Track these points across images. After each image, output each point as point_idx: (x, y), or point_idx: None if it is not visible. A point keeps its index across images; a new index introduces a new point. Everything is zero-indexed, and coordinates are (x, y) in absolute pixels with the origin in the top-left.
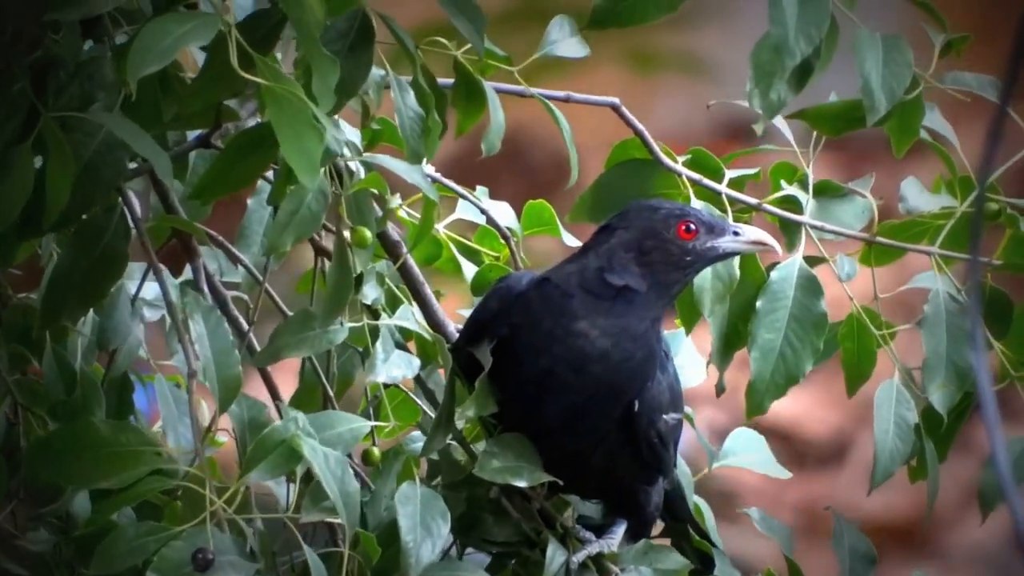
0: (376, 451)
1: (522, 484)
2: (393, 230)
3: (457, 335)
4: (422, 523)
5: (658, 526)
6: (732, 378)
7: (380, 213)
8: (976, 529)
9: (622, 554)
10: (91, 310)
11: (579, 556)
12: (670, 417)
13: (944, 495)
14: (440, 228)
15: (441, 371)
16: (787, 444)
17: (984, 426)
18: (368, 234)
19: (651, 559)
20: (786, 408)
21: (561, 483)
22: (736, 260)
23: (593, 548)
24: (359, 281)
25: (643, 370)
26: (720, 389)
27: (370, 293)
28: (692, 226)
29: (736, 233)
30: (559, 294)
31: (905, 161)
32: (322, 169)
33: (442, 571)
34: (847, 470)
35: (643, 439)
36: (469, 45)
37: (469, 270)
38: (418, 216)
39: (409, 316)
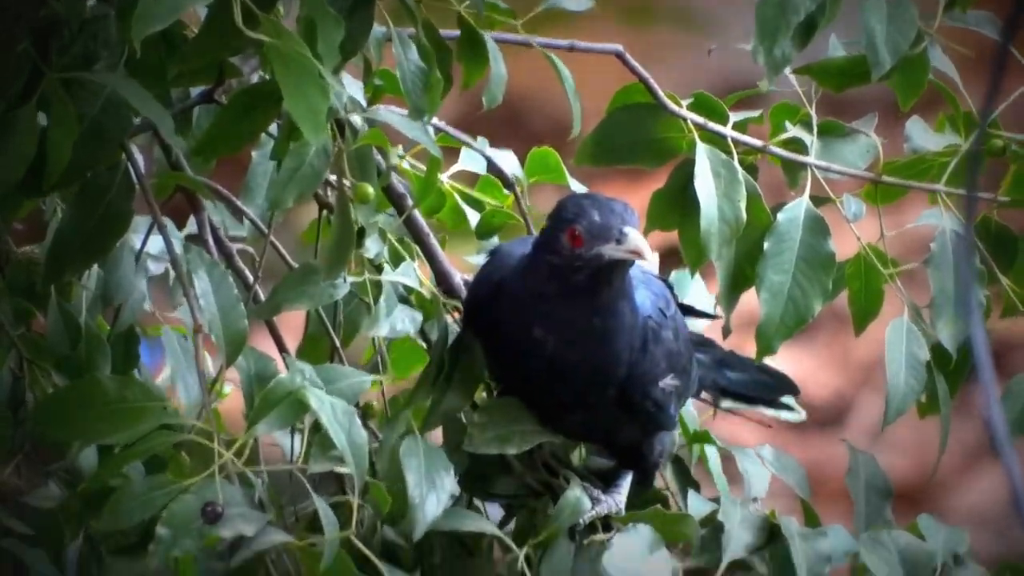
0: (376, 404)
1: (513, 451)
2: (398, 182)
3: (463, 286)
4: (427, 477)
5: None
6: (736, 331)
7: (384, 167)
8: (976, 491)
9: (629, 514)
10: (96, 264)
11: (586, 516)
12: (667, 384)
13: (945, 458)
14: (443, 179)
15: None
16: None
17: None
18: (370, 190)
19: (658, 523)
20: (786, 370)
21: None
22: (742, 202)
23: (602, 509)
24: (361, 235)
25: (610, 359)
26: (726, 331)
27: (372, 247)
28: (578, 233)
29: (619, 241)
30: (517, 299)
31: (905, 118)
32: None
33: (447, 520)
34: (848, 431)
35: (639, 410)
36: None
37: (474, 219)
38: (421, 167)
39: (411, 272)
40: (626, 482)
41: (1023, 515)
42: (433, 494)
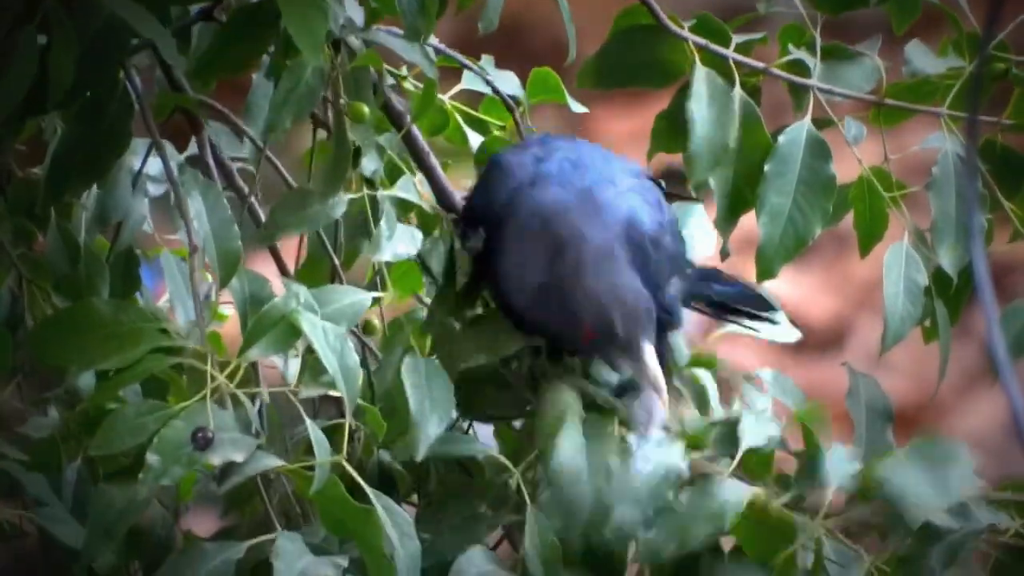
0: (376, 322)
1: (494, 356)
2: (398, 102)
3: (463, 205)
4: (429, 396)
5: None
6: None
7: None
8: (975, 414)
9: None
10: (96, 185)
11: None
12: (673, 288)
13: (944, 381)
14: (445, 99)
15: None
16: None
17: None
18: (364, 109)
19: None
20: (785, 293)
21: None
22: (734, 127)
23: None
24: (357, 155)
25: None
26: (724, 254)
27: (369, 166)
28: (594, 333)
29: (634, 359)
30: (516, 257)
31: (905, 43)
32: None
33: (444, 445)
34: (847, 354)
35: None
36: None
37: (476, 140)
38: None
39: (410, 187)
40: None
41: (1023, 438)
42: (435, 413)
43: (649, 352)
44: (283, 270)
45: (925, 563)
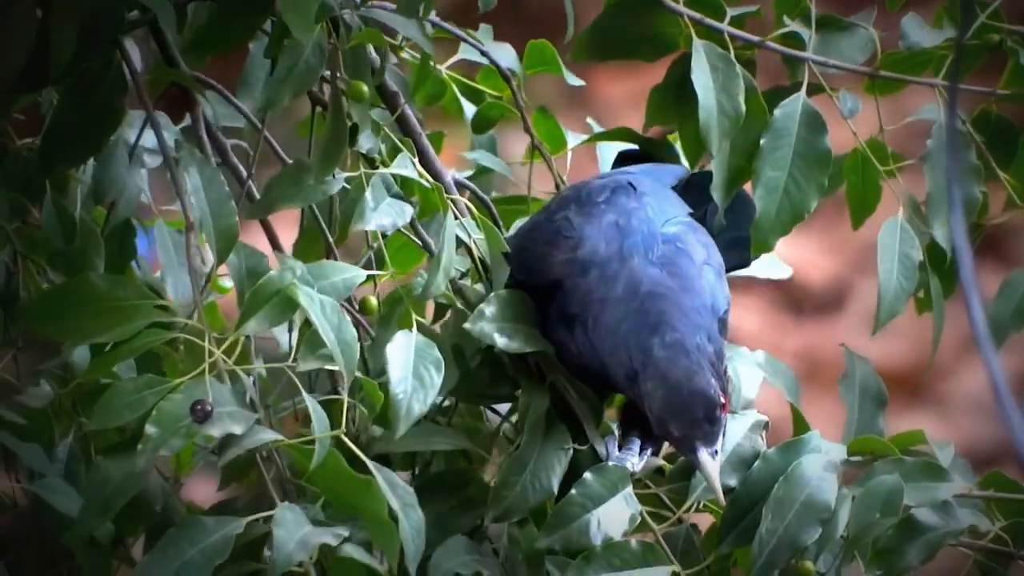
0: (373, 300)
1: (503, 344)
2: (391, 80)
3: (453, 183)
4: (414, 373)
5: None
6: None
7: (379, 65)
8: (975, 377)
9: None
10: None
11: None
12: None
13: (943, 343)
14: (443, 69)
15: None
16: (786, 291)
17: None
18: (364, 88)
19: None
20: (785, 255)
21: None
22: (740, 95)
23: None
24: (354, 132)
25: None
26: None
27: (365, 143)
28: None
29: (693, 450)
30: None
31: (900, 11)
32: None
33: (422, 436)
34: (846, 317)
35: None
36: None
37: (471, 112)
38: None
39: (408, 164)
40: (635, 448)
41: (1008, 421)
42: (421, 391)
43: (703, 456)
44: (275, 244)
45: (903, 557)
